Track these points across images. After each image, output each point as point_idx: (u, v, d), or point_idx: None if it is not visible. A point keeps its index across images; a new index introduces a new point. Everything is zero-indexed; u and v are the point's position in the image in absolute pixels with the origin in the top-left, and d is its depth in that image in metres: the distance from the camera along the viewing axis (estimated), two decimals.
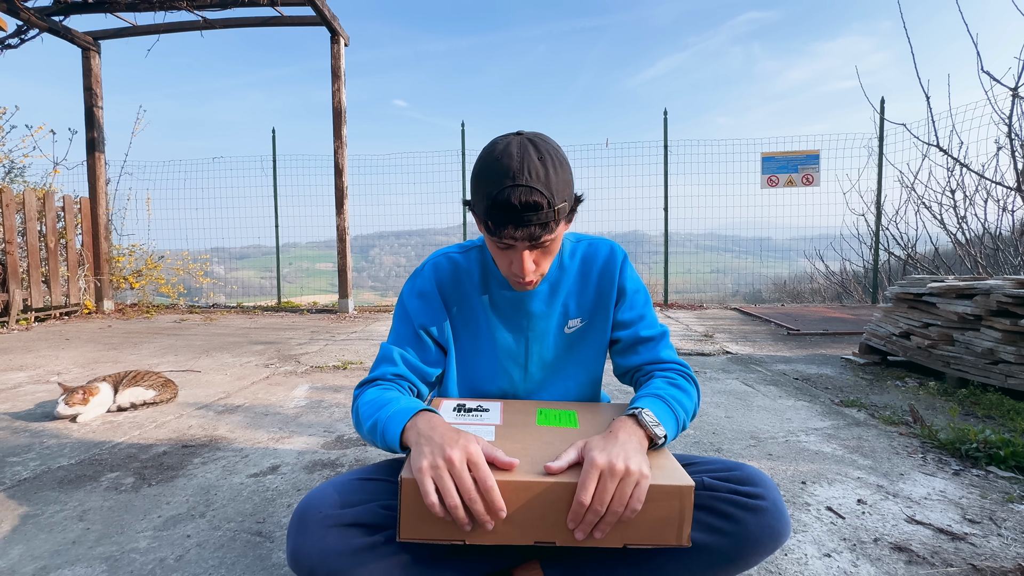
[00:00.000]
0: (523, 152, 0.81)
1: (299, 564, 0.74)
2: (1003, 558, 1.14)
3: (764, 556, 0.79)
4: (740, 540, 0.77)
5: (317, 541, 0.74)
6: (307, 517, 0.75)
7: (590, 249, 1.04)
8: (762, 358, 3.33)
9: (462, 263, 1.03)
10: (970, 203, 6.16)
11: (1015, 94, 4.50)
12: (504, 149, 0.82)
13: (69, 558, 1.15)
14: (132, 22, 5.62)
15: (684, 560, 0.79)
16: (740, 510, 0.77)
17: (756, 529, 0.77)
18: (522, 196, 0.78)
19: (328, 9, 5.33)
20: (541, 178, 0.79)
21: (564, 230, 0.89)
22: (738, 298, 8.50)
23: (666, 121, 6.68)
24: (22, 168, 6.62)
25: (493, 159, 0.82)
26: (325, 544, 0.73)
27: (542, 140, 0.85)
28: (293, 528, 0.76)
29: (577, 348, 1.04)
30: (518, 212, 0.79)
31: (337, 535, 0.74)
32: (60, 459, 1.71)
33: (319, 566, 0.73)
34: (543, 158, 0.81)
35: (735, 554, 0.78)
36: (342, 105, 5.83)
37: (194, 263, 7.14)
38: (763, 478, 0.82)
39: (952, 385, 2.50)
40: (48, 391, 2.56)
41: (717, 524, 0.78)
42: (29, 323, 4.95)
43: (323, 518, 0.75)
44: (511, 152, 0.81)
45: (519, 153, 0.80)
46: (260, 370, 3.05)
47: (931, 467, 1.64)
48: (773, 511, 0.77)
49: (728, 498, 0.79)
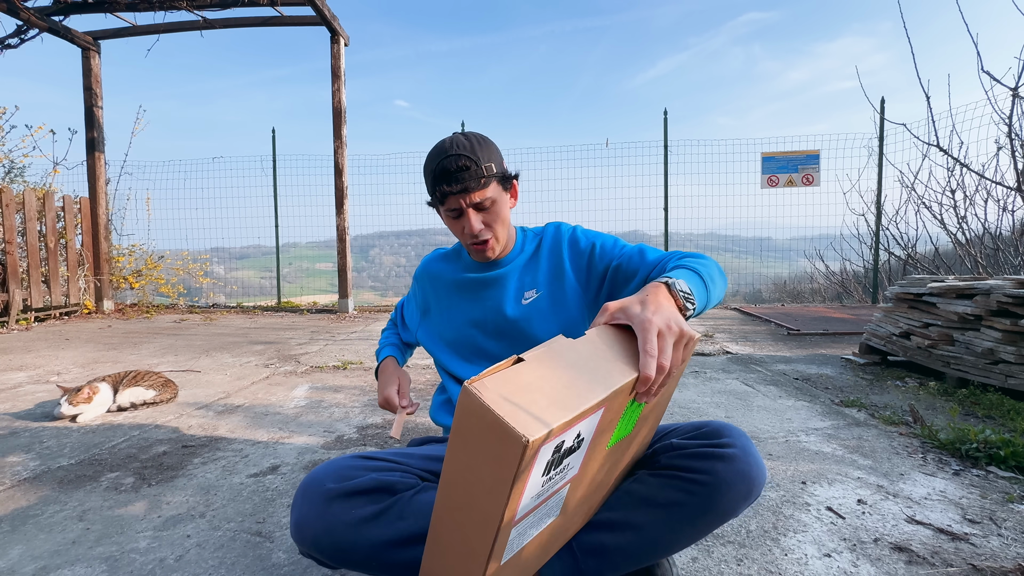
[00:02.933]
0: (451, 138, 1.02)
1: (303, 535, 0.75)
2: (1003, 558, 1.14)
3: (742, 504, 0.80)
4: (714, 489, 0.79)
5: (322, 512, 0.75)
6: (311, 490, 0.77)
7: (540, 234, 1.19)
8: (762, 358, 3.33)
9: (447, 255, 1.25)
10: (970, 203, 6.16)
11: (1015, 94, 4.50)
12: (439, 142, 1.03)
13: (69, 558, 1.15)
14: (132, 22, 5.62)
15: (665, 518, 0.81)
16: (710, 461, 0.80)
17: (728, 475, 0.78)
18: (452, 162, 0.97)
19: (328, 9, 5.33)
20: (466, 148, 0.99)
21: (504, 197, 1.05)
22: (738, 298, 8.50)
23: (666, 121, 6.68)
24: (22, 168, 6.63)
25: (432, 152, 1.02)
26: (329, 514, 0.75)
27: (471, 132, 1.05)
28: (298, 501, 0.77)
29: (538, 317, 1.10)
30: (451, 173, 0.97)
31: (341, 506, 0.76)
32: (60, 459, 1.71)
33: (323, 536, 0.74)
34: (468, 137, 1.01)
35: (713, 505, 0.79)
36: (342, 105, 5.82)
37: (194, 263, 7.14)
38: (730, 428, 0.85)
39: (952, 385, 2.50)
40: (48, 391, 2.56)
41: (690, 477, 0.80)
42: (29, 323, 4.95)
43: (327, 491, 0.76)
44: (443, 141, 1.02)
45: (448, 139, 1.02)
46: (260, 370, 3.05)
47: (931, 467, 1.64)
48: (743, 456, 0.79)
49: (697, 451, 0.82)
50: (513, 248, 1.16)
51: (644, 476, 0.86)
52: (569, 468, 0.62)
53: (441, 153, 1.00)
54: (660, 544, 0.83)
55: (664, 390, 0.69)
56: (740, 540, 1.22)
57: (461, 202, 1.00)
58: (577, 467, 0.64)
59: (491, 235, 1.05)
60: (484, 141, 1.03)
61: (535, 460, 0.53)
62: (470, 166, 0.98)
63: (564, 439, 0.56)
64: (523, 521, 0.62)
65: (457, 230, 1.06)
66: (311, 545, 0.76)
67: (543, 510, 0.65)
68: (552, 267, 1.13)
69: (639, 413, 0.72)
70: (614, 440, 0.70)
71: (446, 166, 0.98)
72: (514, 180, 1.08)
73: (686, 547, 0.88)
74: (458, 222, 1.04)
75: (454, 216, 1.03)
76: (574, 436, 0.58)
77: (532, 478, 0.56)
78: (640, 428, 0.77)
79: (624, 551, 0.83)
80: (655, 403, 0.76)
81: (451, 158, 0.97)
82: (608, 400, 0.59)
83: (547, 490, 0.61)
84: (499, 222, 1.05)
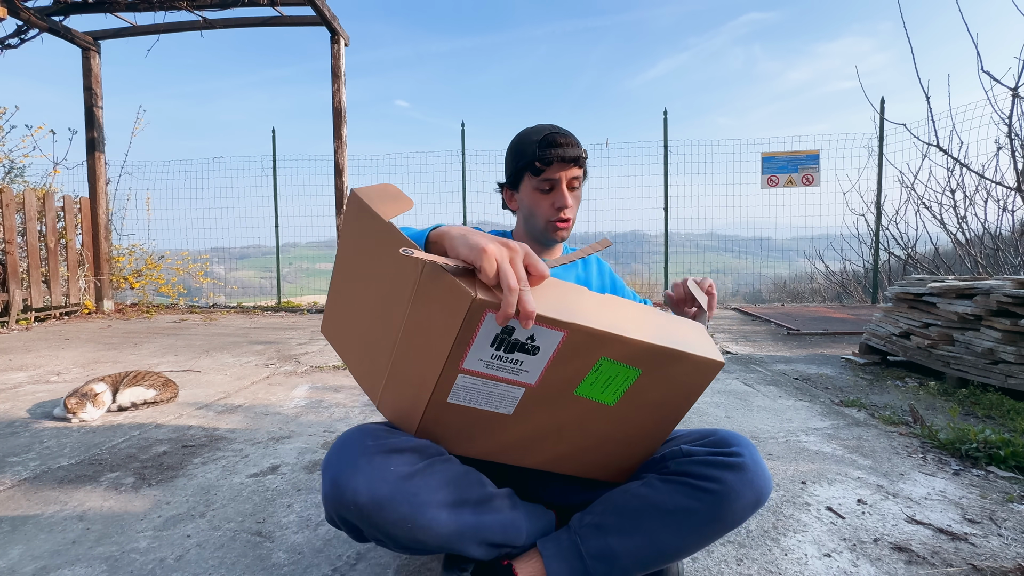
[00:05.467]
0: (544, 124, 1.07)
1: (342, 494, 0.70)
2: (1003, 558, 1.14)
3: (748, 514, 0.82)
4: (724, 498, 0.79)
5: (364, 466, 0.71)
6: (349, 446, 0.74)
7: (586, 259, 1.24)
8: (762, 358, 3.33)
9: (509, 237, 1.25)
10: (970, 203, 6.16)
11: (1015, 94, 4.50)
12: (532, 126, 1.08)
13: (69, 558, 1.15)
14: (132, 22, 5.62)
15: (673, 525, 0.82)
16: (721, 470, 0.80)
17: (738, 486, 0.79)
18: (561, 137, 1.03)
19: (328, 9, 5.33)
20: (565, 131, 1.05)
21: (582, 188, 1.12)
22: (738, 298, 8.50)
23: (666, 121, 6.68)
24: (22, 168, 6.62)
25: (529, 129, 1.07)
26: (371, 469, 0.71)
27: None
28: (333, 459, 0.73)
29: None
30: (561, 145, 1.02)
31: (382, 460, 0.73)
32: (60, 459, 1.71)
33: (364, 492, 0.70)
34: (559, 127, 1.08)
35: (721, 513, 0.80)
36: (342, 105, 5.83)
37: (194, 263, 7.13)
38: (739, 438, 0.85)
39: (952, 385, 2.50)
40: (48, 391, 2.56)
41: (701, 486, 0.81)
42: (29, 323, 4.95)
43: (365, 447, 0.73)
44: (538, 125, 1.07)
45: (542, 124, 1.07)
46: (260, 370, 3.05)
47: (931, 467, 1.64)
48: (752, 467, 0.80)
49: (708, 460, 0.82)
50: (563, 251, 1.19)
51: (654, 480, 0.87)
52: (522, 368, 0.71)
53: (544, 129, 1.05)
54: (667, 550, 0.83)
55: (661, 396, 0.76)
56: (740, 540, 1.22)
57: (562, 174, 1.03)
58: (534, 377, 0.73)
59: (572, 216, 1.09)
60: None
61: (481, 322, 0.64)
62: (577, 144, 1.04)
63: (514, 327, 0.67)
64: (472, 379, 0.71)
65: (544, 205, 1.07)
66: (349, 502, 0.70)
67: (495, 390, 0.74)
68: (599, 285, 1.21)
69: (625, 387, 0.77)
70: (584, 391, 0.76)
71: (555, 139, 1.02)
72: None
73: (692, 554, 0.88)
74: (547, 196, 1.06)
75: (545, 189, 1.05)
76: (527, 335, 0.68)
77: (479, 339, 0.67)
78: (627, 410, 0.80)
79: (632, 556, 0.83)
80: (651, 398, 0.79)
81: (559, 134, 1.03)
82: (570, 329, 0.68)
83: (497, 370, 0.71)
84: (578, 205, 1.11)
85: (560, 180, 1.04)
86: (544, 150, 1.02)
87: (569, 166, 1.03)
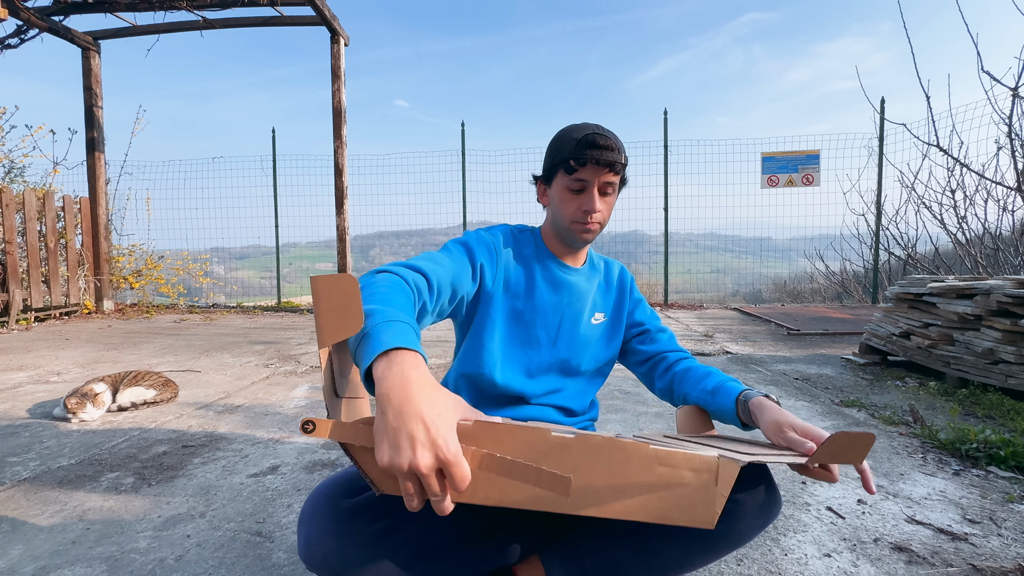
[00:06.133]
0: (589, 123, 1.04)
1: (312, 554, 0.71)
2: (1003, 558, 1.14)
3: (756, 533, 0.81)
4: (734, 518, 0.78)
5: (331, 528, 0.72)
6: (320, 507, 0.74)
7: (609, 263, 1.22)
8: (762, 358, 3.33)
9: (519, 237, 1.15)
10: (970, 203, 6.16)
11: (1015, 94, 4.50)
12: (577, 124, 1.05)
13: (69, 558, 1.15)
14: (132, 22, 5.62)
15: (681, 542, 0.81)
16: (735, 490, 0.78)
17: (749, 505, 0.78)
18: (604, 139, 0.99)
19: (328, 9, 5.33)
20: (613, 135, 1.01)
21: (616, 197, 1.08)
22: (738, 298, 8.51)
23: (666, 121, 6.68)
24: (22, 168, 6.63)
25: (572, 126, 1.04)
26: (340, 531, 0.72)
27: None
28: (306, 519, 0.74)
29: (597, 341, 1.11)
30: (600, 147, 0.99)
31: (351, 521, 0.73)
32: (60, 459, 1.71)
33: (334, 554, 0.71)
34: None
35: (729, 532, 0.79)
36: (342, 105, 5.83)
37: (194, 263, 7.14)
38: None
39: (952, 385, 2.50)
40: (48, 391, 2.56)
41: None
42: (29, 323, 4.95)
43: (335, 506, 0.74)
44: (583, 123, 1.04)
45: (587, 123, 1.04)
46: (260, 370, 3.05)
47: (931, 467, 1.64)
48: (766, 488, 0.80)
49: None
50: (587, 259, 1.15)
51: None
52: None
53: (588, 128, 1.02)
54: (672, 565, 0.83)
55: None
56: None
57: (596, 177, 1.00)
58: None
59: (599, 221, 1.06)
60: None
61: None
62: (616, 147, 1.00)
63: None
64: None
65: (572, 205, 1.03)
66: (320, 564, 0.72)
67: None
68: (618, 300, 1.17)
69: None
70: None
71: (596, 140, 0.99)
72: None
73: (696, 568, 0.87)
74: (577, 197, 1.02)
75: (576, 189, 1.02)
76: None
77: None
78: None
79: (636, 570, 0.83)
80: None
81: (602, 135, 0.99)
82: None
83: None
84: (609, 212, 1.07)
85: (592, 183, 1.01)
86: (581, 150, 0.99)
87: (604, 170, 1.00)
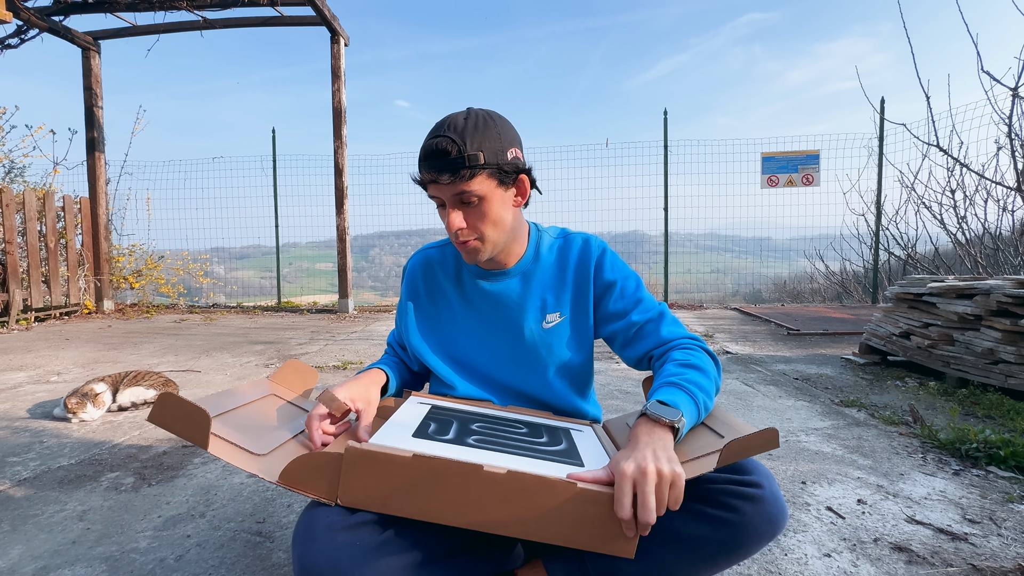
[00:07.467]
0: (451, 116, 0.90)
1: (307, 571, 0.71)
2: (1003, 558, 1.14)
3: (762, 545, 0.79)
4: (740, 529, 0.77)
5: (326, 545, 0.71)
6: (314, 523, 0.74)
7: (566, 243, 1.05)
8: (762, 358, 3.33)
9: (436, 256, 1.08)
10: (970, 203, 6.16)
11: (1015, 94, 4.50)
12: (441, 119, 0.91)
13: (69, 558, 1.15)
14: (132, 22, 5.62)
15: (686, 551, 0.79)
16: (739, 500, 0.77)
17: (755, 518, 0.77)
18: (436, 144, 0.86)
19: (328, 9, 5.33)
20: (457, 130, 0.86)
21: (499, 194, 0.91)
22: (738, 298, 8.51)
23: (666, 121, 6.67)
24: (22, 168, 6.64)
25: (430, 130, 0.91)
26: (334, 547, 0.71)
27: (479, 109, 0.92)
28: (300, 535, 0.74)
29: (559, 345, 1.02)
30: (430, 156, 0.86)
31: (346, 536, 0.72)
32: (60, 459, 1.71)
33: (329, 570, 0.70)
34: (468, 118, 0.88)
35: (735, 544, 0.78)
36: (342, 105, 5.83)
37: (194, 263, 7.14)
38: (759, 467, 0.82)
39: (952, 385, 2.50)
40: (48, 391, 2.56)
41: (718, 515, 0.78)
42: (29, 323, 4.95)
43: (330, 523, 0.73)
44: (443, 119, 0.90)
45: (447, 117, 0.90)
46: (260, 370, 3.05)
47: (931, 467, 1.64)
48: (771, 499, 0.78)
49: (727, 488, 0.79)
50: (526, 252, 1.02)
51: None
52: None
53: (431, 132, 0.89)
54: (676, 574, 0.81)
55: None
56: None
57: (447, 191, 0.88)
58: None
59: (474, 236, 0.92)
60: (486, 123, 0.89)
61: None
62: (451, 151, 0.85)
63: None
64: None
65: (444, 222, 0.93)
66: None
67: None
68: (578, 289, 1.02)
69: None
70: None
71: (428, 147, 0.87)
72: (522, 175, 0.94)
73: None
74: (442, 213, 0.93)
75: (439, 206, 0.92)
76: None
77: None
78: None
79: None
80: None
81: (436, 140, 0.86)
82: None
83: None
84: (488, 223, 0.91)
85: (446, 198, 0.89)
86: (421, 164, 0.89)
87: (449, 181, 0.86)
